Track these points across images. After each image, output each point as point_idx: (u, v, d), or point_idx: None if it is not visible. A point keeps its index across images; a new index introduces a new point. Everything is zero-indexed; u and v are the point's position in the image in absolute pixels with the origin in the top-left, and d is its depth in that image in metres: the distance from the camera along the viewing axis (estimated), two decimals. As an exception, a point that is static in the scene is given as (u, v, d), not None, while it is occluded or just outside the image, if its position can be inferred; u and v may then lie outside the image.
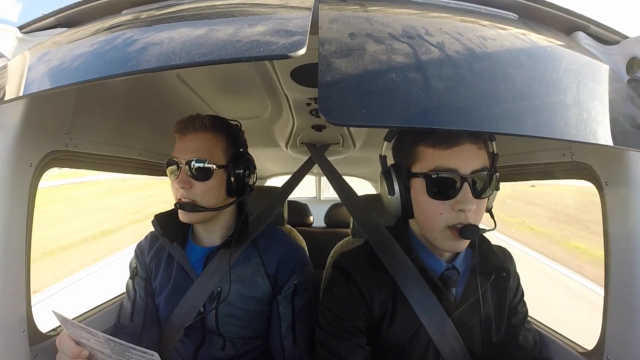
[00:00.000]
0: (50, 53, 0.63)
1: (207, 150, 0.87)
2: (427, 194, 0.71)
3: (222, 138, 0.90)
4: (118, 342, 0.60)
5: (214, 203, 0.88)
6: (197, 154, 0.86)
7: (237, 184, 0.90)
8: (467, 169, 0.69)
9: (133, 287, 1.00)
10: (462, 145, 0.69)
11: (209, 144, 0.88)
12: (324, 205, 2.82)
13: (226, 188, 0.89)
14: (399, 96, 0.42)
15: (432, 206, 0.71)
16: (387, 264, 0.81)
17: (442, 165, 0.69)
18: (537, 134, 0.44)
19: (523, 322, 0.85)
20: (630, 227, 0.69)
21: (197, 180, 0.86)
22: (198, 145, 0.87)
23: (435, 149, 0.70)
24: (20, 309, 0.76)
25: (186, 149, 0.87)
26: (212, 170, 0.86)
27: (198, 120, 0.88)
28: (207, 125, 0.88)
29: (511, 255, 0.91)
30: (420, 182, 0.72)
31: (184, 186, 0.85)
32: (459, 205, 0.69)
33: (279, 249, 0.98)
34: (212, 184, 0.87)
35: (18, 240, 0.75)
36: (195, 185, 0.86)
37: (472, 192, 0.69)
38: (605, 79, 0.61)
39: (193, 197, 0.86)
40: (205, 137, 0.88)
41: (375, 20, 0.54)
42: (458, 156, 0.69)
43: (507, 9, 0.71)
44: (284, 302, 0.94)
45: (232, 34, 0.46)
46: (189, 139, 0.88)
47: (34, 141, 0.77)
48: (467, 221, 0.70)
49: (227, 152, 0.90)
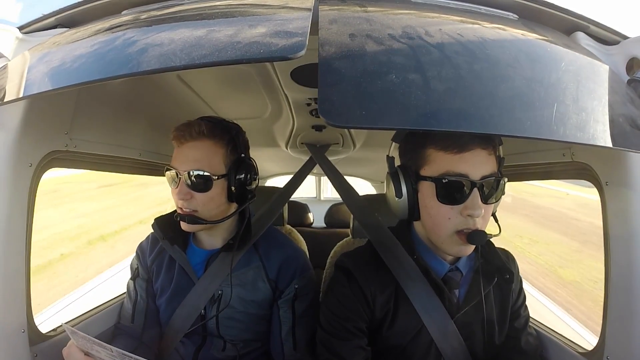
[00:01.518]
0: (51, 53, 0.63)
1: (206, 159, 0.84)
2: (436, 198, 0.70)
3: (222, 145, 0.86)
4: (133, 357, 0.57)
5: (215, 212, 0.87)
6: (196, 164, 0.83)
7: (239, 191, 0.87)
8: (477, 174, 0.68)
9: (134, 288, 1.00)
10: (473, 151, 0.69)
11: (209, 152, 0.84)
12: (324, 205, 2.81)
13: (227, 195, 0.87)
14: (398, 97, 0.42)
15: (440, 210, 0.71)
16: (390, 264, 0.81)
17: (453, 170, 0.69)
18: (537, 136, 0.44)
19: (525, 326, 0.85)
20: (630, 227, 0.69)
21: (197, 191, 0.83)
22: (197, 155, 0.83)
23: (446, 153, 0.69)
24: (21, 309, 0.76)
25: (185, 159, 0.84)
26: (212, 181, 0.83)
27: (195, 128, 0.83)
28: (205, 133, 0.84)
29: (514, 257, 0.91)
30: (429, 186, 0.71)
31: (184, 197, 0.83)
32: (468, 211, 0.68)
33: (280, 253, 0.97)
34: (212, 194, 0.84)
35: (18, 241, 0.75)
36: (195, 196, 0.84)
37: (481, 198, 0.69)
38: (605, 80, 0.61)
39: (194, 208, 0.84)
40: (204, 146, 0.84)
41: (375, 20, 0.54)
42: (468, 161, 0.68)
43: (507, 10, 0.71)
44: (284, 306, 0.94)
45: (232, 35, 0.46)
46: (188, 148, 0.84)
47: (34, 141, 0.77)
48: (475, 226, 0.69)
49: (228, 158, 0.87)
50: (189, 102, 1.29)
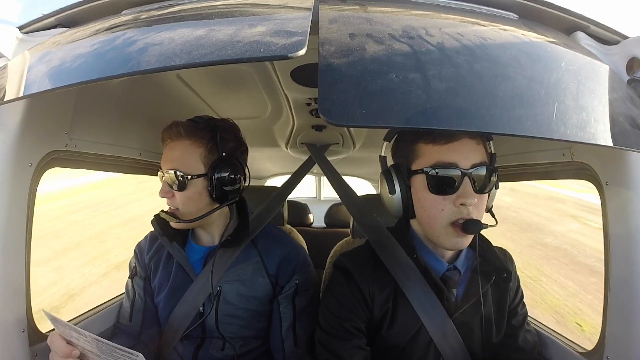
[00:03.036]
0: (51, 53, 0.63)
1: (182, 160, 0.85)
2: (428, 190, 0.71)
3: (200, 144, 0.87)
4: (105, 342, 0.60)
5: (195, 211, 0.87)
6: (173, 164, 0.85)
7: (218, 191, 0.87)
8: (467, 163, 0.70)
9: (132, 287, 1.00)
10: (460, 140, 0.70)
11: (185, 153, 0.86)
12: (324, 205, 2.81)
13: (208, 195, 0.87)
14: (398, 96, 0.42)
15: (433, 202, 0.71)
16: (388, 264, 0.81)
17: (442, 160, 0.70)
18: (537, 135, 0.44)
19: (523, 324, 0.86)
20: (630, 227, 0.69)
21: (176, 190, 0.86)
22: (174, 155, 0.86)
23: (435, 145, 0.71)
24: (20, 309, 0.76)
25: (166, 159, 0.87)
26: (186, 181, 0.85)
27: (174, 128, 0.86)
28: (182, 133, 0.86)
29: (511, 256, 0.91)
30: (421, 179, 0.72)
31: (164, 195, 0.87)
32: (460, 200, 0.69)
33: (279, 248, 0.97)
34: (189, 193, 0.86)
35: (18, 240, 0.75)
36: (175, 195, 0.86)
37: (472, 187, 0.69)
38: (605, 79, 0.61)
39: (175, 206, 0.87)
40: (181, 146, 0.86)
41: (375, 20, 0.54)
42: (457, 150, 0.70)
43: (507, 9, 0.71)
44: (285, 302, 0.94)
45: (232, 35, 0.46)
46: (169, 149, 0.88)
47: (34, 141, 0.78)
48: (469, 216, 0.70)
49: (207, 158, 0.87)
50: (189, 102, 1.29)
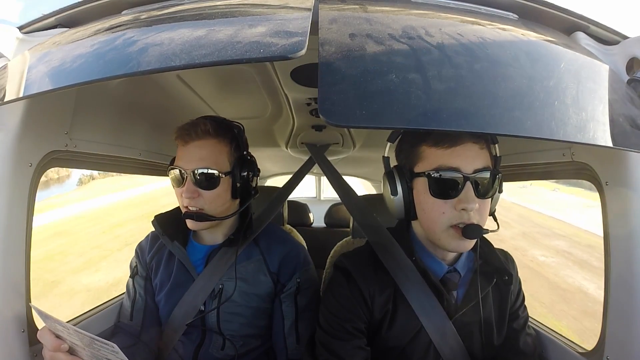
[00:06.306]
0: (51, 53, 0.63)
1: (212, 158, 0.85)
2: (429, 193, 0.71)
3: (227, 143, 0.88)
4: (83, 334, 0.62)
5: (221, 210, 0.88)
6: (203, 162, 0.84)
7: (243, 188, 0.90)
8: (469, 167, 0.69)
9: (133, 286, 1.00)
10: (464, 145, 0.69)
11: (215, 150, 0.86)
12: (324, 205, 2.81)
13: (231, 192, 0.89)
14: (399, 97, 0.42)
15: (434, 205, 0.71)
16: (388, 266, 0.81)
17: (444, 164, 0.69)
18: (537, 135, 0.44)
19: (524, 327, 0.85)
20: (630, 227, 0.69)
21: (204, 189, 0.85)
22: (203, 154, 0.85)
23: (438, 148, 0.70)
24: (20, 309, 0.76)
25: (191, 158, 0.85)
26: (219, 178, 0.85)
27: (201, 127, 0.85)
28: (210, 132, 0.85)
29: (513, 259, 0.90)
30: (423, 182, 0.72)
31: (191, 196, 0.84)
32: (462, 204, 0.69)
33: (280, 247, 0.98)
34: (219, 191, 0.86)
35: (18, 240, 0.75)
36: (202, 194, 0.85)
37: (474, 192, 0.69)
38: (605, 79, 0.61)
39: (201, 206, 0.85)
40: (209, 144, 0.86)
41: (375, 20, 0.54)
42: (460, 155, 0.69)
43: (507, 9, 0.71)
44: (287, 300, 0.95)
45: (232, 35, 0.46)
46: (193, 147, 0.85)
47: (34, 141, 0.78)
48: (470, 221, 0.69)
49: (232, 156, 0.89)
50: (189, 102, 1.29)
